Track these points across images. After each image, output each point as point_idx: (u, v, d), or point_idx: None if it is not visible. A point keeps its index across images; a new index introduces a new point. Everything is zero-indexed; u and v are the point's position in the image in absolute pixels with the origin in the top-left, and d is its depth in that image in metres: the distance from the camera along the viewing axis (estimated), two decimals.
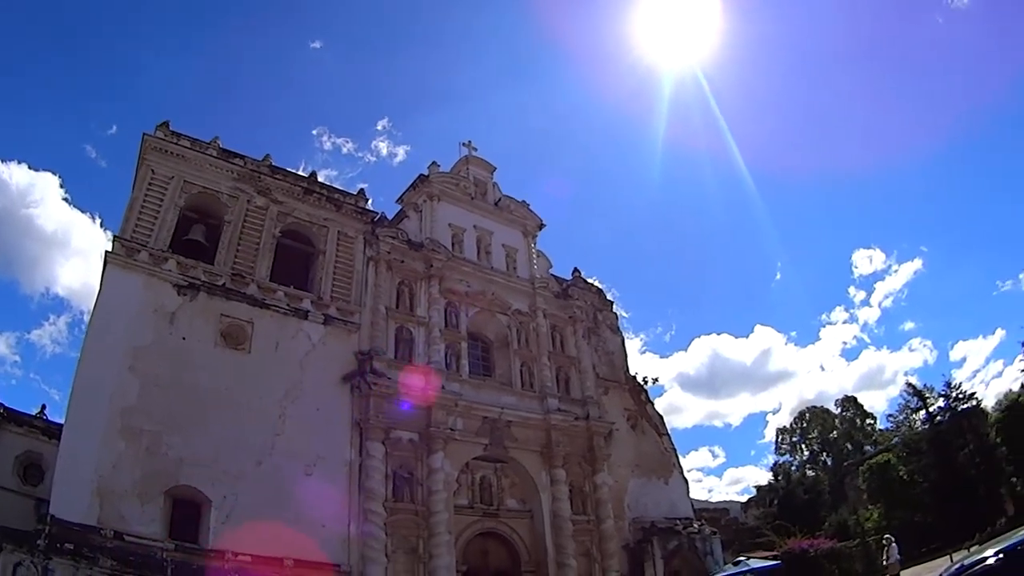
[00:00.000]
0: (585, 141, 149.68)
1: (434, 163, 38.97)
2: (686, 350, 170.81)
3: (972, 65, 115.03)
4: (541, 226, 42.62)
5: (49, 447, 29.64)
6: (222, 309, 27.84)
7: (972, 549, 30.79)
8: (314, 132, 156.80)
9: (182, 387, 25.26)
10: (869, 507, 55.62)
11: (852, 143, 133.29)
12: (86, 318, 25.95)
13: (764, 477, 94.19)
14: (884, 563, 31.30)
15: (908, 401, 57.26)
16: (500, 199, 41.57)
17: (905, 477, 51.55)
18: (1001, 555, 9.11)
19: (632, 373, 42.87)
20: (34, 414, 35.84)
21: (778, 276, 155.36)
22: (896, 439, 61.11)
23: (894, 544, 31.07)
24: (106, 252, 26.41)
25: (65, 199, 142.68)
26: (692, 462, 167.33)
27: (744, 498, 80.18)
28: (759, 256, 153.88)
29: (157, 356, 25.29)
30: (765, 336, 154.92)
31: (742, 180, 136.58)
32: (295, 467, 26.54)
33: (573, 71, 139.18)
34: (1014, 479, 46.68)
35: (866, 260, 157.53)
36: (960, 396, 52.49)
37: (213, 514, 23.86)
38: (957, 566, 9.43)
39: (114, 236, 27.06)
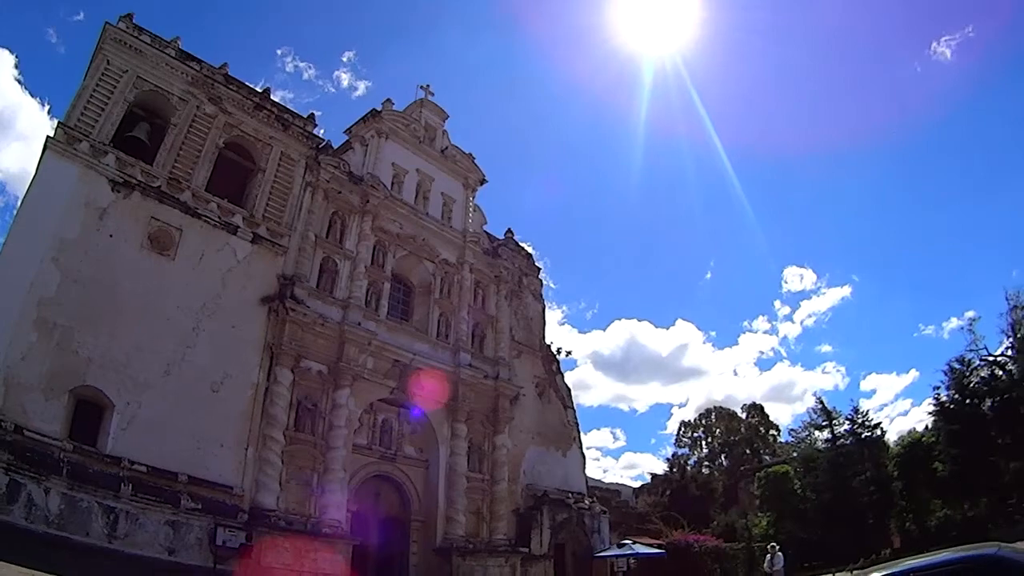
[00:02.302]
0: (561, 122, 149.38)
1: (388, 100, 38.55)
2: (604, 330, 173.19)
3: (941, 112, 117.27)
4: (483, 181, 42.72)
5: None
6: (153, 212, 27.27)
7: (856, 572, 32.24)
8: (278, 52, 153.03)
9: (102, 286, 24.78)
10: (759, 514, 57.38)
11: (820, 146, 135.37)
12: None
13: (660, 467, 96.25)
14: (768, 570, 32.26)
15: (814, 419, 58.93)
16: (447, 147, 41.43)
17: (799, 491, 53.31)
18: None
19: (548, 342, 43.47)
20: None
21: (709, 275, 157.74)
22: (796, 452, 62.90)
23: (779, 553, 32.06)
24: (47, 137, 25.55)
25: (18, 80, 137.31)
26: (592, 440, 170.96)
27: (637, 484, 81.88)
28: (695, 251, 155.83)
29: (82, 251, 24.72)
30: (685, 331, 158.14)
31: (718, 170, 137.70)
32: (202, 382, 26.40)
33: (552, 56, 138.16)
34: (905, 514, 48.67)
35: (797, 277, 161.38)
36: (866, 424, 54.30)
37: (115, 419, 23.61)
38: None
39: (58, 122, 26.25)
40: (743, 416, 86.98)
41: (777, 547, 32.79)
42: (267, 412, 27.88)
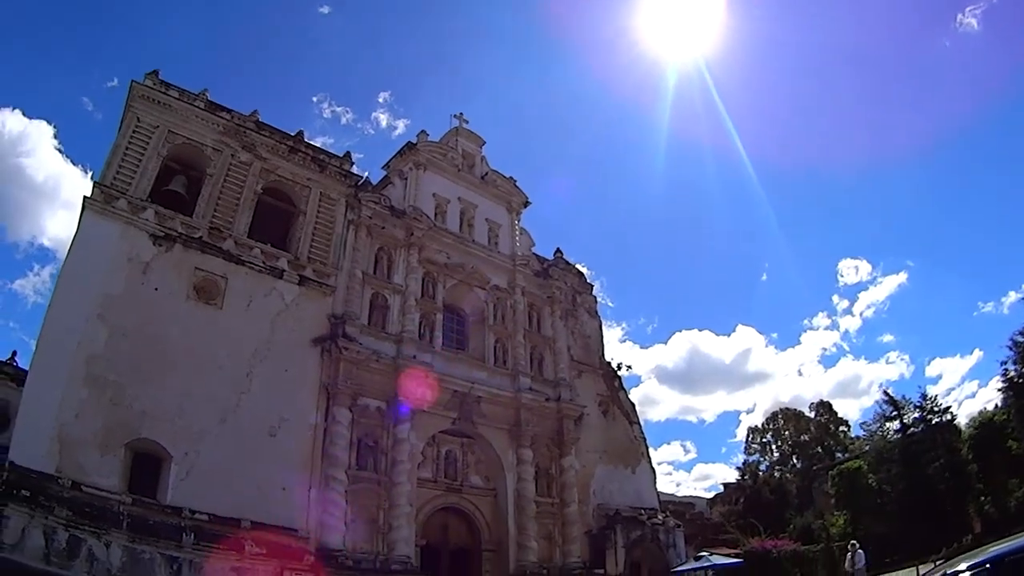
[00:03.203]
0: (588, 131, 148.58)
1: (423, 132, 38.67)
2: (666, 343, 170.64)
3: (975, 86, 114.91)
4: (526, 203, 42.42)
5: (17, 394, 28.86)
6: (197, 262, 27.43)
7: (940, 562, 30.92)
8: (314, 99, 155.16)
9: (150, 339, 24.85)
10: (835, 513, 55.71)
11: (851, 148, 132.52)
12: None
13: (732, 475, 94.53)
14: (849, 569, 31.24)
15: (883, 410, 57.30)
16: (487, 173, 41.27)
17: (874, 485, 51.63)
18: (979, 568, 8.96)
19: (608, 359, 42.80)
20: (4, 360, 35.42)
21: (764, 277, 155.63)
22: (868, 447, 61.24)
23: (860, 551, 31.01)
24: (85, 197, 25.88)
25: (58, 149, 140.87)
26: (663, 455, 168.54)
27: (711, 495, 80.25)
28: (748, 255, 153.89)
29: (128, 306, 24.87)
30: (746, 336, 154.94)
31: (745, 176, 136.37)
32: (259, 427, 26.26)
33: (578, 61, 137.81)
34: (983, 498, 46.86)
35: (852, 270, 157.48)
36: (935, 409, 52.54)
37: (173, 470, 23.57)
38: None
39: (94, 182, 26.55)
40: (811, 415, 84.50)
41: (857, 545, 31.63)
42: (327, 452, 27.68)
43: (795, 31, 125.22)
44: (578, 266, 44.10)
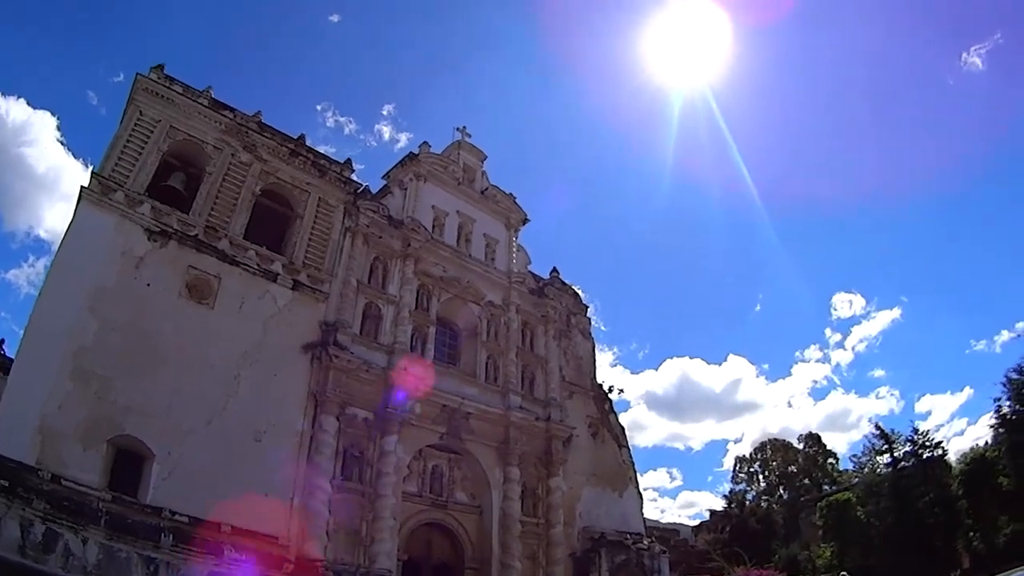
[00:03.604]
0: (588, 152, 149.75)
1: (425, 143, 38.44)
2: (657, 369, 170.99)
3: (977, 125, 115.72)
4: (525, 220, 42.21)
5: (2, 384, 28.74)
6: (191, 260, 27.06)
7: None
8: (318, 107, 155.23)
9: (140, 334, 24.44)
10: (822, 545, 55.55)
11: (852, 181, 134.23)
12: None
13: (718, 504, 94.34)
14: None
15: (873, 444, 57.35)
16: (487, 188, 41.06)
17: (863, 518, 51.47)
18: None
19: (599, 381, 42.43)
20: None
21: (758, 307, 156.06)
22: (857, 479, 61.20)
23: None
24: (81, 187, 25.55)
25: (61, 141, 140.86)
26: (649, 481, 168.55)
27: (696, 522, 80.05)
28: (743, 285, 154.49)
29: (119, 300, 24.45)
30: (737, 365, 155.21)
31: (746, 205, 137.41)
32: (245, 431, 25.76)
33: (584, 84, 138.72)
34: (972, 533, 46.77)
35: (846, 303, 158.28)
36: (926, 444, 52.53)
37: (155, 469, 23.05)
38: None
39: (92, 172, 26.24)
40: (800, 447, 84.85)
41: None
42: (312, 460, 27.20)
43: (801, 63, 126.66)
44: (573, 286, 43.82)
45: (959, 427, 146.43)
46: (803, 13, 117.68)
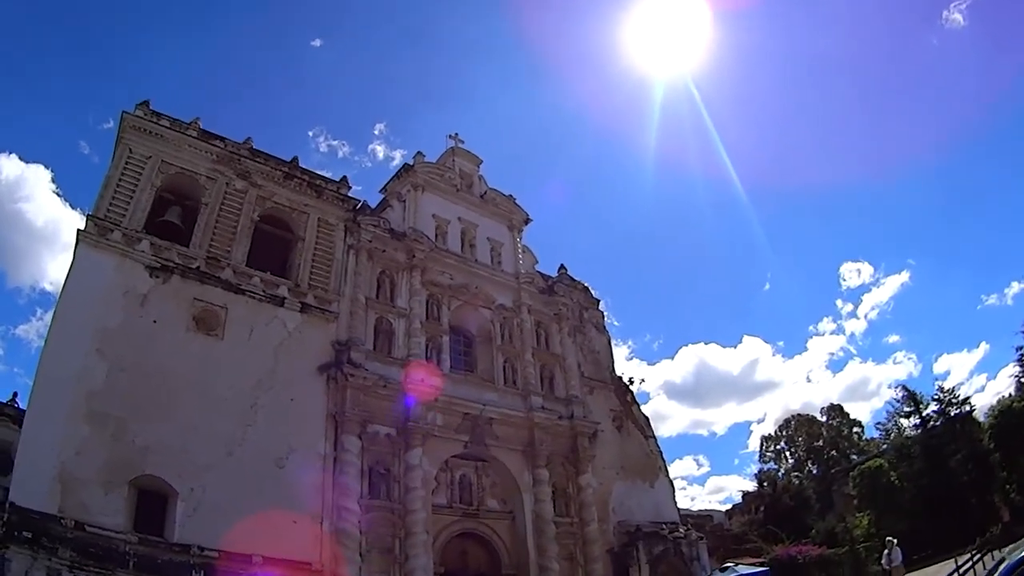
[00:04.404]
0: (577, 149, 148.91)
1: (419, 153, 38.11)
2: (673, 358, 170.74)
3: (963, 81, 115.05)
4: (527, 221, 41.89)
5: (19, 436, 28.60)
6: (195, 293, 26.83)
7: (976, 555, 30.37)
8: (310, 133, 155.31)
9: (151, 372, 24.18)
10: (858, 514, 54.93)
11: (842, 155, 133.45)
12: None
13: (747, 486, 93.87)
14: (886, 566, 30.58)
15: (898, 408, 56.86)
16: (486, 192, 40.77)
17: (896, 483, 50.86)
18: None
19: (619, 374, 42.07)
20: (5, 402, 34.78)
21: (767, 287, 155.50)
22: (886, 445, 60.66)
23: (897, 547, 30.40)
24: (78, 231, 25.36)
25: (56, 193, 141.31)
26: (676, 470, 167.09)
27: (726, 507, 79.67)
28: (749, 266, 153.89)
29: (126, 339, 24.23)
30: (753, 346, 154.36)
31: (733, 190, 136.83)
32: (267, 459, 25.48)
33: (565, 79, 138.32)
34: (1008, 486, 46.16)
35: (854, 272, 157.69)
36: (952, 401, 51.98)
37: (180, 506, 22.80)
38: (1008, 564, 8.47)
39: (87, 215, 26.04)
40: (823, 419, 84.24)
41: (895, 541, 30.93)
42: (338, 482, 26.89)
43: (781, 42, 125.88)
44: (582, 283, 43.47)
45: (979, 383, 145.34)
46: None
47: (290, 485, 25.58)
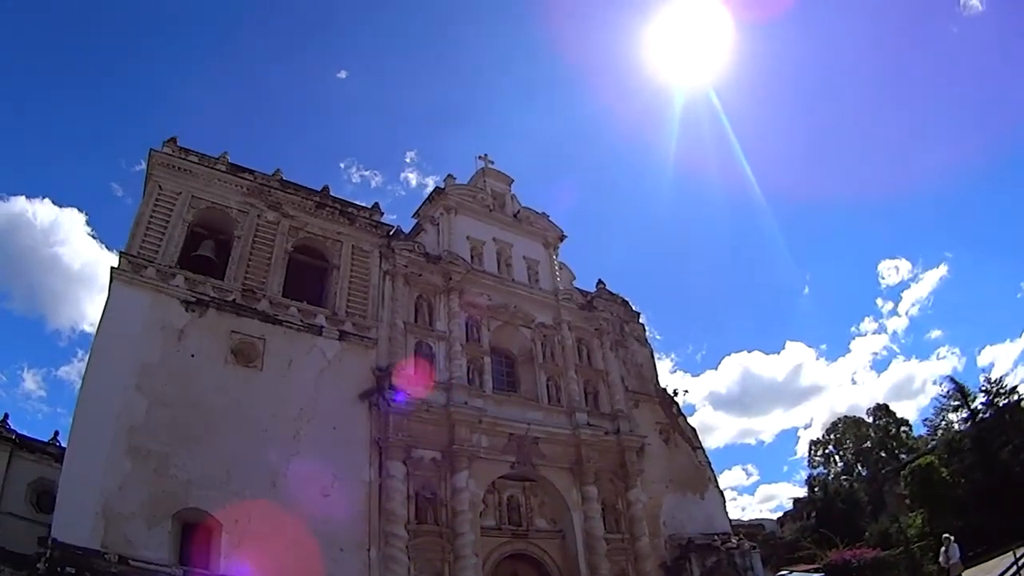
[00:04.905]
0: (600, 161, 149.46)
1: (450, 176, 38.13)
2: (716, 368, 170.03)
3: (988, 69, 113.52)
4: (562, 238, 41.58)
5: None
6: (232, 325, 26.81)
7: None
8: (341, 165, 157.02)
9: (191, 406, 24.15)
10: (911, 514, 53.80)
11: (870, 156, 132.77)
12: None
13: (797, 493, 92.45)
14: (944, 564, 29.78)
15: (944, 404, 55.76)
16: (519, 211, 40.55)
17: (948, 479, 49.70)
18: None
19: (663, 386, 41.51)
20: (47, 441, 35.06)
21: (806, 290, 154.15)
22: (935, 441, 59.54)
23: (954, 544, 29.59)
24: (112, 268, 25.49)
25: (92, 235, 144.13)
26: (725, 481, 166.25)
27: (777, 515, 78.64)
28: (786, 272, 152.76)
29: (165, 374, 24.25)
30: (796, 351, 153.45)
31: (754, 197, 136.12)
32: (311, 489, 25.21)
33: (587, 89, 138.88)
34: None
35: (892, 270, 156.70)
36: (1000, 392, 50.78)
37: (224, 538, 22.61)
38: None
39: (120, 252, 26.16)
40: (870, 420, 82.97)
41: (952, 538, 30.09)
42: (384, 508, 26.56)
43: (803, 50, 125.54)
44: (621, 296, 43.07)
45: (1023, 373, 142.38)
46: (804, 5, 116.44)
47: (336, 514, 25.31)
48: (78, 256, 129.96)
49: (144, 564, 20.18)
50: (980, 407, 51.66)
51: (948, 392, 55.08)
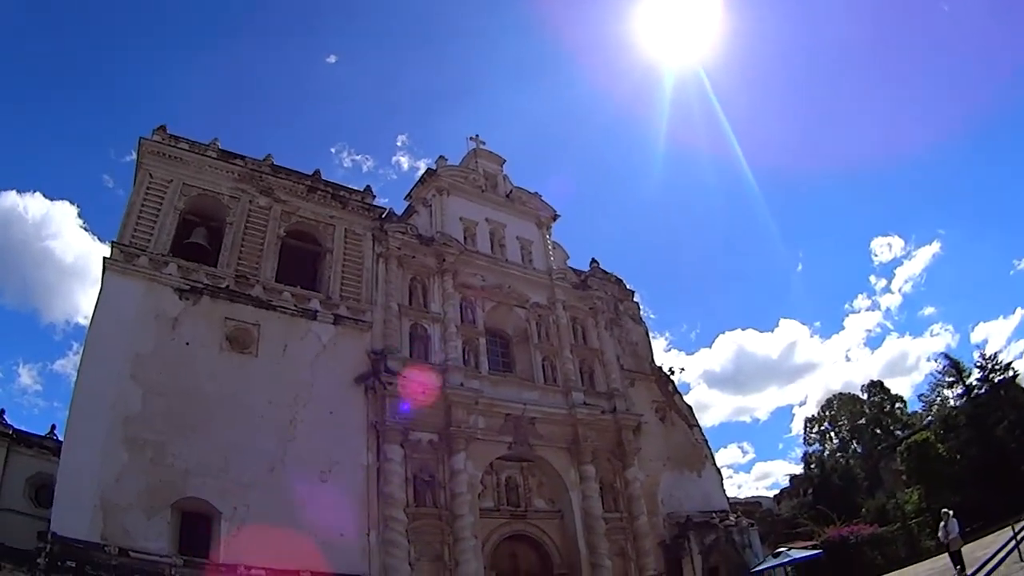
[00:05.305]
0: (591, 141, 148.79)
1: (442, 157, 38.01)
2: (711, 347, 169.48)
3: (979, 44, 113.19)
4: (555, 217, 41.57)
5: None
6: (226, 312, 26.74)
7: None
8: (332, 150, 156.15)
9: (187, 394, 24.12)
10: (907, 490, 53.99)
11: (860, 133, 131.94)
12: None
13: (793, 470, 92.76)
14: (943, 539, 29.84)
15: (939, 380, 55.78)
16: (511, 191, 40.48)
17: (944, 455, 49.87)
18: None
19: (658, 364, 41.52)
20: (44, 435, 34.94)
21: (800, 268, 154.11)
22: (931, 418, 59.64)
23: (953, 519, 29.63)
24: (104, 258, 25.36)
25: (84, 228, 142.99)
26: (721, 459, 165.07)
27: (774, 493, 78.81)
28: (779, 249, 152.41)
29: (160, 363, 24.19)
30: (790, 329, 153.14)
31: (743, 176, 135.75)
32: (309, 474, 25.25)
33: (577, 69, 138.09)
34: None
35: (885, 247, 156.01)
36: (995, 368, 50.89)
37: (224, 526, 22.64)
38: None
39: (112, 242, 26.00)
40: (865, 397, 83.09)
41: (951, 512, 30.16)
42: (383, 492, 26.66)
43: (793, 27, 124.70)
44: (615, 275, 43.00)
45: (1018, 349, 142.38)
46: None
47: (334, 498, 25.35)
48: (71, 249, 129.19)
49: (144, 555, 20.17)
50: (975, 383, 51.64)
51: (943, 368, 55.05)
